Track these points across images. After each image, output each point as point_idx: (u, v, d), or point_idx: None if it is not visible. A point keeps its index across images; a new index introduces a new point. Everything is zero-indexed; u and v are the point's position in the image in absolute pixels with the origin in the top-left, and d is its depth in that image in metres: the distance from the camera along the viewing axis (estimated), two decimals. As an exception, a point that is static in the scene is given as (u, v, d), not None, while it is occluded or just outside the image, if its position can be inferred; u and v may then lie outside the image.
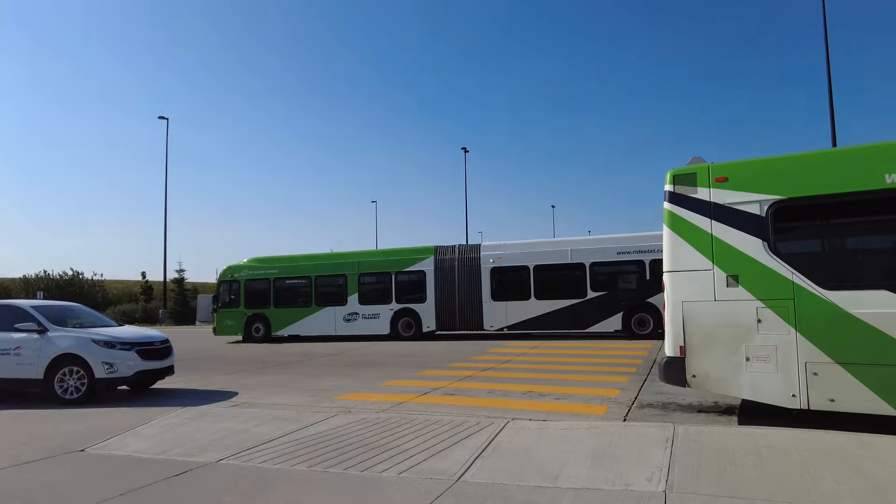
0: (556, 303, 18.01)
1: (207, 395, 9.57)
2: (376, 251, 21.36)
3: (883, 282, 5.54)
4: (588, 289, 17.74)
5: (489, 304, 18.75)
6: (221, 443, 5.98)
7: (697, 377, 6.22)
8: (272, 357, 15.53)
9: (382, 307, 19.85)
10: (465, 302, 19.06)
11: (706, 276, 6.21)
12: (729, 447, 5.02)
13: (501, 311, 18.60)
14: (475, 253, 19.26)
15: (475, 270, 18.98)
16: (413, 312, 19.61)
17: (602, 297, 17.60)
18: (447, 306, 19.29)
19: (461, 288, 19.15)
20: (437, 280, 19.39)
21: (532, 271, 18.36)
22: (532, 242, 19.16)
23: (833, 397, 5.59)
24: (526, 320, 18.37)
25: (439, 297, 19.35)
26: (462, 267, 19.23)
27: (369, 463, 5.05)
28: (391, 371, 11.89)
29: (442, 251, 19.73)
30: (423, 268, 19.63)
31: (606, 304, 17.52)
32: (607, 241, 18.07)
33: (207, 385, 10.71)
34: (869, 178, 5.60)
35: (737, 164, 6.32)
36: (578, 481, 4.40)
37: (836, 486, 4.04)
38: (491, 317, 18.70)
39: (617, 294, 17.55)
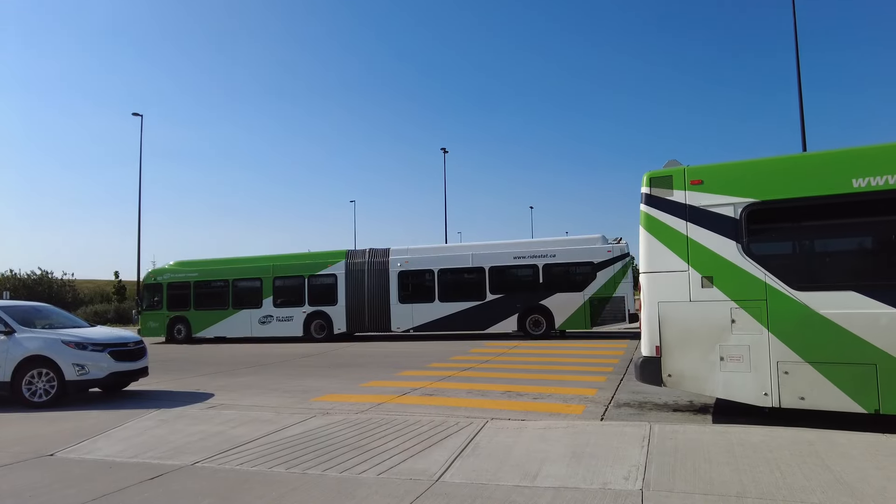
0: (458, 305, 18.90)
1: (183, 396, 9.42)
2: (290, 255, 21.68)
3: (850, 283, 5.71)
4: (487, 292, 18.66)
5: (396, 306, 19.45)
6: (198, 445, 5.89)
7: (673, 376, 6.32)
8: (249, 358, 15.35)
9: (296, 310, 20.37)
10: (374, 304, 19.71)
11: (682, 277, 6.31)
12: (703, 445, 5.12)
13: (408, 314, 19.33)
14: (384, 257, 19.88)
15: (384, 274, 19.66)
16: (325, 315, 20.13)
17: (500, 300, 18.51)
18: (357, 309, 19.86)
19: (370, 291, 19.78)
20: (347, 283, 19.98)
21: (436, 275, 19.17)
22: (437, 247, 20.40)
23: (803, 395, 5.73)
24: (430, 322, 19.18)
25: (350, 300, 19.92)
26: (371, 271, 19.85)
27: (348, 464, 5.03)
28: (371, 372, 11.84)
29: (353, 255, 20.37)
30: (334, 271, 20.19)
31: (504, 306, 18.44)
32: (505, 246, 19.01)
33: (183, 386, 10.54)
34: (837, 182, 5.76)
35: (712, 167, 6.44)
36: (557, 480, 4.44)
37: (805, 482, 4.16)
38: (398, 319, 19.43)
39: (514, 297, 18.44)
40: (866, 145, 5.90)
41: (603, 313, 17.74)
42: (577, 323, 17.96)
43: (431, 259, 19.39)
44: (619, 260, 17.80)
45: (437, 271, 19.18)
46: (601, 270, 17.79)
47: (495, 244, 19.33)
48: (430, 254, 19.66)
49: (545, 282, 18.11)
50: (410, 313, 19.29)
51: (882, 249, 6.10)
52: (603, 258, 17.81)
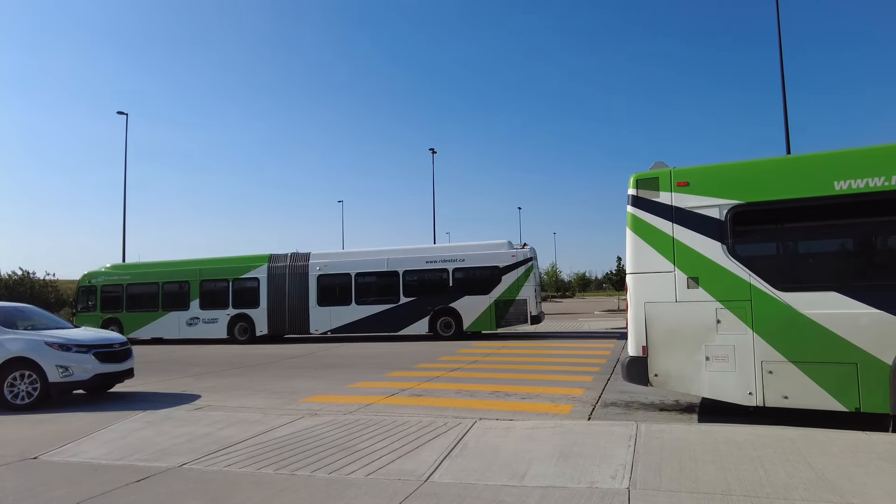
0: (373, 307, 19.53)
1: (169, 398, 9.35)
2: (216, 259, 22.12)
3: (832, 283, 5.81)
4: (401, 295, 19.30)
5: (315, 309, 19.91)
6: (184, 447, 5.85)
7: (659, 376, 6.39)
8: (237, 359, 15.24)
9: (220, 312, 20.85)
10: (294, 307, 20.17)
11: (668, 278, 6.38)
12: (689, 444, 5.18)
13: (326, 316, 19.84)
14: (304, 261, 20.38)
15: (303, 278, 20.12)
16: (248, 317, 20.62)
17: (412, 303, 19.18)
18: (278, 311, 20.33)
19: (291, 294, 20.25)
20: (269, 287, 20.45)
21: (353, 278, 19.74)
22: (355, 251, 20.71)
23: (787, 394, 5.83)
24: (347, 324, 19.75)
25: (271, 303, 20.40)
26: (292, 274, 20.33)
27: (337, 465, 5.03)
28: (359, 372, 11.82)
29: (275, 259, 20.79)
30: (257, 275, 20.67)
31: (416, 308, 19.12)
32: (418, 251, 19.78)
33: (169, 388, 10.45)
34: (819, 185, 5.86)
35: (697, 169, 6.52)
36: (545, 480, 4.47)
37: (788, 479, 4.23)
38: (317, 321, 19.91)
39: (425, 299, 19.09)
40: (847, 148, 6.01)
41: (507, 315, 18.45)
42: (483, 324, 18.69)
43: (349, 263, 19.98)
44: (523, 264, 18.49)
45: (355, 275, 19.77)
46: (506, 274, 18.51)
47: (410, 249, 20.03)
48: (347, 258, 20.29)
49: (455, 285, 18.88)
50: (328, 316, 19.82)
51: (862, 251, 6.22)
52: (508, 262, 18.55)
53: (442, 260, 19.12)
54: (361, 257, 20.08)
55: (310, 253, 20.63)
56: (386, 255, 19.75)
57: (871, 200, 5.69)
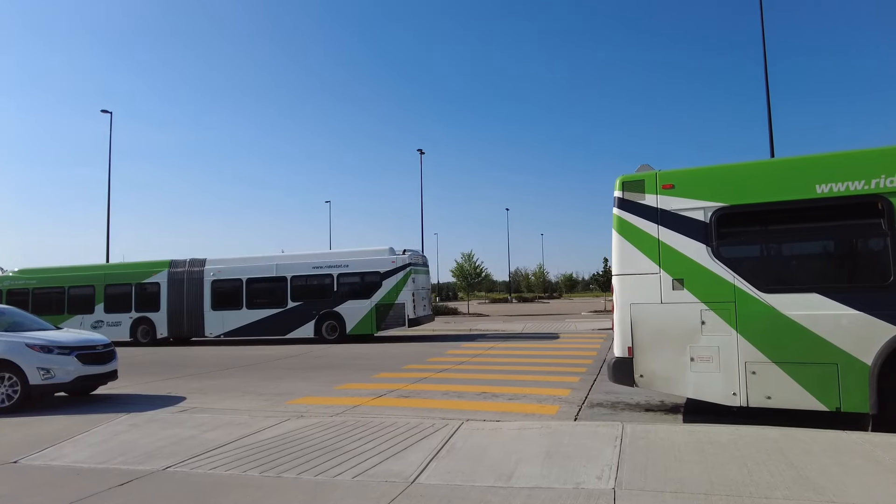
0: (263, 312, 20.23)
1: (154, 400, 9.25)
2: (121, 264, 23.00)
3: (814, 285, 5.89)
4: (289, 299, 20.02)
5: (210, 313, 20.68)
6: (169, 450, 5.80)
7: (645, 377, 6.44)
8: (223, 360, 15.12)
9: (123, 315, 21.44)
10: (191, 311, 20.91)
11: (653, 280, 6.44)
12: (674, 444, 5.23)
13: (219, 320, 20.57)
14: (201, 266, 21.16)
15: (199, 283, 20.90)
16: (149, 321, 21.25)
17: (299, 307, 19.89)
18: (176, 315, 21.01)
19: (188, 298, 20.98)
20: (169, 291, 21.16)
21: (245, 284, 20.50)
22: (249, 257, 21.34)
23: (770, 395, 5.90)
24: (239, 328, 20.47)
25: (170, 307, 21.09)
26: (189, 280, 21.08)
27: (324, 467, 5.01)
28: (346, 374, 11.78)
29: (175, 265, 21.51)
30: (158, 280, 21.36)
31: (303, 312, 19.84)
32: (306, 257, 20.46)
33: (154, 390, 10.35)
34: (802, 187, 5.94)
35: (683, 171, 6.58)
36: (531, 480, 4.49)
37: (770, 478, 4.28)
38: (211, 324, 20.65)
39: (311, 304, 19.79)
40: (829, 152, 6.11)
41: (387, 319, 19.25)
42: (365, 327, 19.39)
43: (241, 269, 20.69)
44: (402, 270, 19.25)
45: (246, 280, 20.49)
46: (387, 279, 19.28)
47: (298, 255, 20.75)
48: (240, 264, 20.93)
49: (339, 290, 19.62)
50: (222, 319, 20.51)
51: (843, 253, 6.32)
52: (388, 268, 19.32)
53: (327, 266, 19.85)
54: (253, 263, 20.86)
55: (206, 259, 21.46)
56: (275, 261, 20.53)
57: (851, 204, 5.79)
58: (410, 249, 20.29)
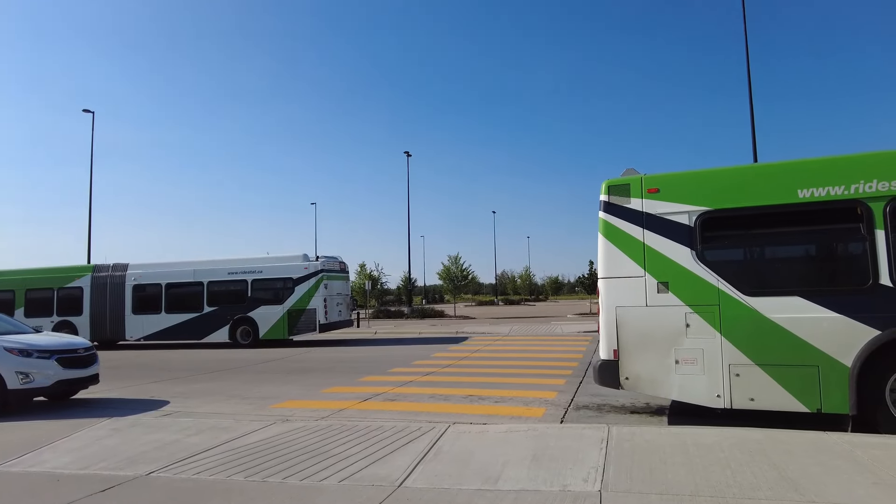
0: (181, 316, 20.57)
1: (136, 404, 9.12)
2: (42, 269, 22.81)
3: (796, 288, 5.98)
4: (205, 304, 20.44)
5: (130, 317, 20.97)
6: (152, 454, 5.72)
7: (630, 379, 6.49)
8: (206, 364, 14.96)
9: (44, 320, 21.18)
10: (113, 315, 21.17)
11: (638, 283, 6.49)
12: (660, 446, 5.27)
13: (139, 324, 20.85)
14: (122, 271, 21.49)
15: (121, 287, 21.23)
16: (71, 325, 21.28)
17: (215, 312, 20.29)
18: (99, 319, 21.27)
19: (110, 303, 21.27)
20: (92, 296, 21.42)
21: (164, 288, 20.84)
22: (169, 262, 21.62)
23: (753, 397, 5.97)
24: (158, 332, 20.75)
25: (93, 311, 21.37)
26: (112, 284, 21.38)
27: (310, 471, 4.97)
28: (332, 377, 11.72)
29: (98, 269, 21.85)
30: (81, 284, 21.60)
31: (218, 317, 20.23)
32: (223, 263, 20.81)
33: (136, 394, 10.21)
34: (784, 192, 6.04)
35: (667, 176, 6.65)
36: (518, 483, 4.50)
37: (754, 479, 4.33)
38: (131, 328, 20.93)
39: (226, 309, 20.19)
40: (811, 158, 6.21)
41: (299, 324, 19.61)
42: (277, 332, 19.75)
43: (161, 274, 21.00)
44: (314, 276, 19.64)
45: (165, 285, 20.81)
46: (299, 285, 19.66)
47: (215, 261, 21.03)
48: (160, 269, 21.21)
49: (253, 295, 20.02)
50: (142, 324, 20.79)
51: (823, 257, 6.43)
52: (301, 274, 19.69)
53: (242, 271, 20.23)
54: (172, 268, 21.10)
55: (128, 264, 21.70)
56: (193, 267, 20.85)
57: (832, 208, 5.89)
58: (326, 256, 20.79)
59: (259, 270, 20.08)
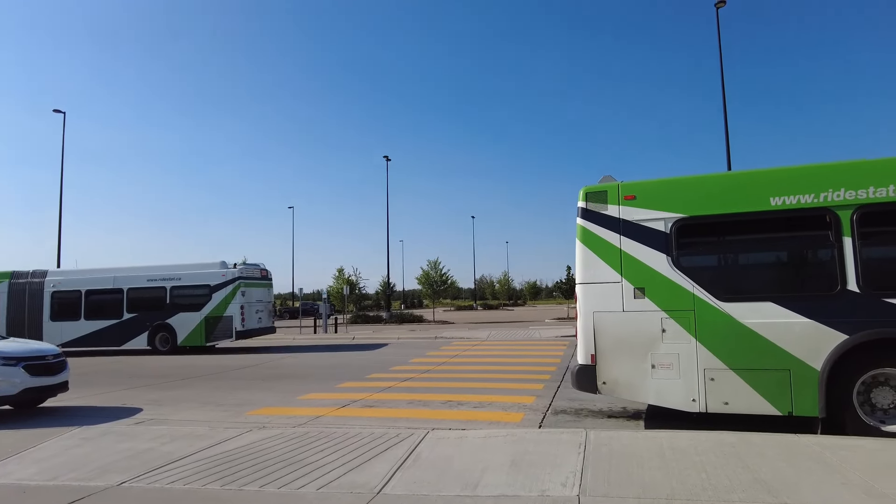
0: (100, 323, 20.63)
1: (108, 412, 8.92)
2: None
3: (769, 294, 6.12)
4: (125, 311, 20.53)
5: (48, 323, 20.94)
6: (124, 464, 5.59)
7: (607, 384, 6.55)
8: (180, 371, 14.69)
9: None
10: (31, 321, 21.15)
11: (615, 288, 6.57)
12: (637, 450, 5.33)
13: (58, 331, 20.63)
14: (41, 278, 21.50)
15: (40, 294, 21.24)
16: None
17: (134, 318, 20.39)
18: (17, 325, 21.08)
19: (29, 309, 21.30)
20: (9, 302, 21.41)
21: (83, 295, 20.86)
22: (87, 270, 21.84)
23: (727, 401, 6.08)
24: (77, 338, 20.72)
25: (10, 317, 21.27)
26: (30, 291, 21.38)
27: (287, 479, 4.91)
28: (309, 384, 11.60)
29: (17, 276, 21.79)
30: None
31: (137, 324, 20.34)
32: (143, 269, 20.94)
33: (108, 401, 9.97)
34: (757, 200, 6.18)
35: (644, 183, 6.75)
36: (497, 488, 4.50)
37: (728, 482, 4.41)
38: (49, 335, 20.35)
39: (146, 315, 20.31)
40: (783, 166, 6.37)
41: (216, 331, 19.84)
42: (195, 339, 19.95)
43: (80, 281, 21.02)
44: (231, 283, 19.89)
45: (84, 292, 20.81)
46: (216, 292, 19.91)
47: (134, 267, 21.15)
48: (79, 276, 21.30)
49: (172, 302, 20.16)
50: (60, 330, 20.58)
51: (795, 263, 6.58)
52: (218, 281, 19.94)
53: (161, 278, 20.33)
54: (92, 275, 21.12)
55: (47, 271, 21.78)
56: (113, 274, 20.89)
57: (802, 216, 6.05)
58: (246, 263, 20.91)
59: (178, 277, 20.21)
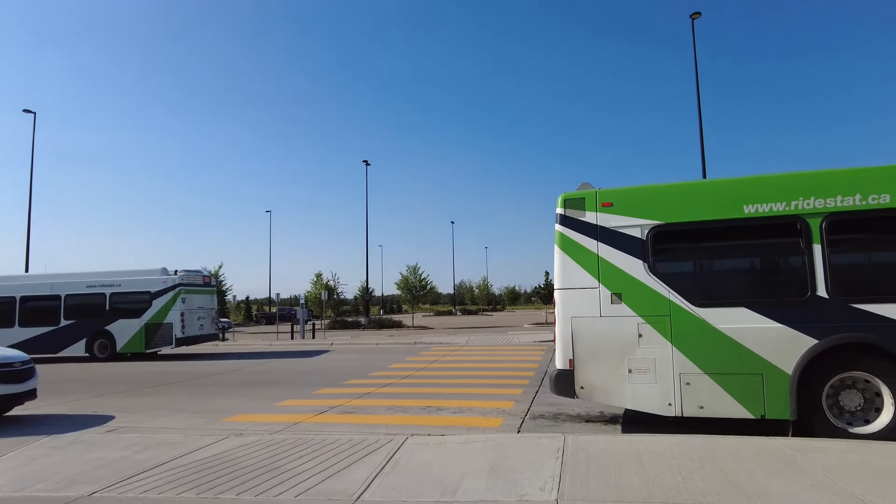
0: (36, 330, 20.15)
1: (78, 420, 8.70)
2: None
3: (742, 299, 6.25)
4: (62, 318, 20.15)
5: None
6: (96, 473, 5.46)
7: (585, 388, 6.61)
8: (152, 377, 14.41)
9: None
10: None
11: (593, 294, 6.65)
12: (614, 454, 5.38)
13: None
14: None
15: None
16: None
17: (72, 325, 20.05)
18: None
19: None
20: None
21: (18, 302, 20.39)
22: (22, 276, 21.97)
23: (702, 405, 6.18)
24: (11, 346, 20.14)
25: None
26: None
27: (264, 486, 4.85)
28: (286, 390, 11.47)
29: None
30: None
31: (75, 331, 20.02)
32: (81, 276, 20.59)
33: (78, 409, 9.73)
34: (731, 208, 6.32)
35: (621, 190, 6.85)
36: (476, 494, 4.51)
37: (703, 485, 4.48)
38: None
39: (84, 322, 20.02)
40: (756, 175, 6.52)
41: (155, 338, 19.70)
42: (135, 346, 19.74)
43: (15, 287, 20.58)
44: (172, 290, 19.76)
45: (19, 298, 20.37)
46: (157, 299, 19.76)
47: (73, 273, 20.81)
48: (14, 282, 20.87)
49: (111, 309, 19.92)
50: None
51: (767, 269, 6.74)
52: (159, 288, 19.79)
53: (101, 285, 20.06)
54: (28, 281, 20.87)
55: None
56: (50, 280, 20.60)
57: (774, 223, 6.21)
58: (187, 270, 20.69)
59: (118, 284, 19.97)
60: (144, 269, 20.30)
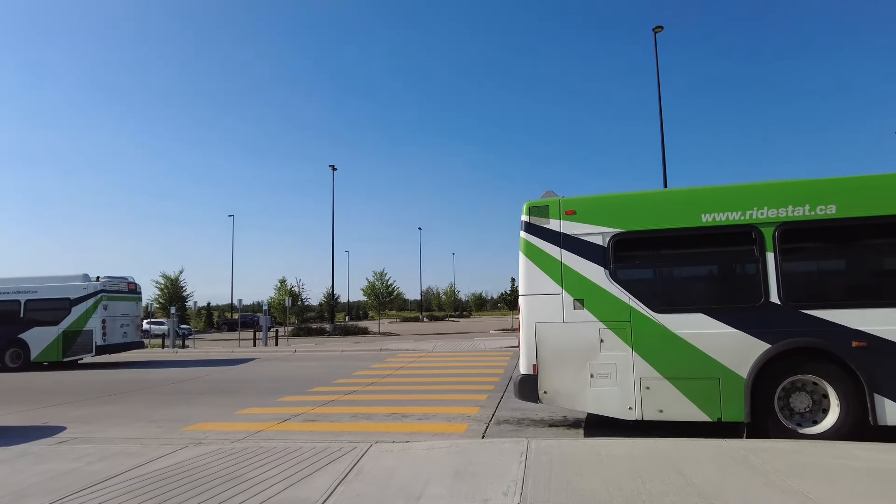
0: None
1: (26, 431, 8.34)
2: None
3: (699, 306, 6.45)
4: None
5: None
6: (45, 486, 5.25)
7: (548, 393, 6.70)
8: (108, 385, 13.94)
9: None
10: None
11: (556, 300, 6.75)
12: (576, 458, 5.46)
13: None
14: None
15: None
16: None
17: None
18: None
19: None
20: None
21: None
22: None
23: (662, 408, 6.34)
24: None
25: None
26: None
27: (224, 496, 4.75)
28: (248, 398, 11.26)
29: None
30: None
31: None
32: None
33: (27, 420, 9.34)
34: (690, 216, 6.52)
35: (584, 199, 6.99)
36: (440, 500, 4.51)
37: (662, 486, 4.59)
38: None
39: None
40: (713, 185, 6.75)
41: (74, 345, 19.26)
42: (51, 354, 19.24)
43: None
44: (93, 297, 19.44)
45: None
46: (76, 306, 19.34)
47: None
48: None
49: (26, 316, 19.30)
50: None
51: (723, 276, 6.97)
52: (79, 294, 19.38)
53: (15, 291, 19.47)
54: None
55: None
56: None
57: (730, 232, 6.44)
58: (111, 276, 20.33)
59: (34, 290, 19.35)
60: (65, 276, 19.73)
